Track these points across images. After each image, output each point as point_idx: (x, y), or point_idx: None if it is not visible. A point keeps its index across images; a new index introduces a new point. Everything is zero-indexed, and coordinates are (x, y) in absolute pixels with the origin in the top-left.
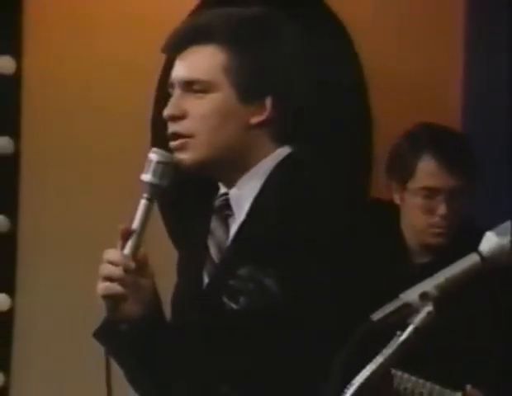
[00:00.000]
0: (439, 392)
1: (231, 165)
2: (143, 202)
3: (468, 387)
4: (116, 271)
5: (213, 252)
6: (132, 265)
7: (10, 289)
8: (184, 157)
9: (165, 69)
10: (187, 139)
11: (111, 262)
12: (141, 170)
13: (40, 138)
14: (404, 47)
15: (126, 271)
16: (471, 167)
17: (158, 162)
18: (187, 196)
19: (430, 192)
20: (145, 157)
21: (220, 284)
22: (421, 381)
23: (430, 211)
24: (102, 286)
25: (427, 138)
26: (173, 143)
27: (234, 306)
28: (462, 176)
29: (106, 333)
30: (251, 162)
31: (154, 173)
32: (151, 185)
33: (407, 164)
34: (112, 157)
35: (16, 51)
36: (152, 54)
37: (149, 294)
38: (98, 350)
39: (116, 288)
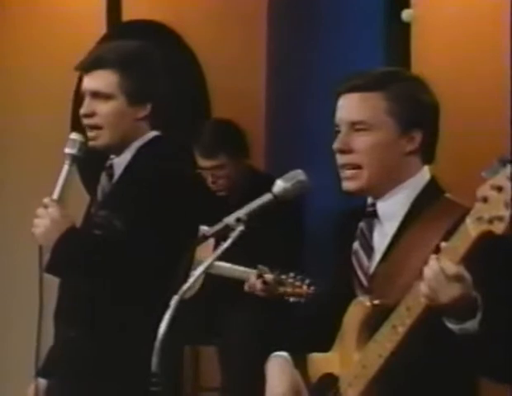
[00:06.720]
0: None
1: (122, 145)
2: (65, 167)
3: (260, 266)
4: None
5: (98, 195)
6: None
7: None
8: (95, 143)
9: None
10: (97, 131)
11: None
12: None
13: None
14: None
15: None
16: (229, 149)
17: (75, 140)
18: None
19: (202, 170)
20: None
21: (93, 217)
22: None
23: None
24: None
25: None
26: (89, 133)
27: (97, 233)
28: (217, 157)
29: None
30: (134, 141)
31: (73, 147)
32: (71, 155)
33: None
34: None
35: None
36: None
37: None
38: None
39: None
